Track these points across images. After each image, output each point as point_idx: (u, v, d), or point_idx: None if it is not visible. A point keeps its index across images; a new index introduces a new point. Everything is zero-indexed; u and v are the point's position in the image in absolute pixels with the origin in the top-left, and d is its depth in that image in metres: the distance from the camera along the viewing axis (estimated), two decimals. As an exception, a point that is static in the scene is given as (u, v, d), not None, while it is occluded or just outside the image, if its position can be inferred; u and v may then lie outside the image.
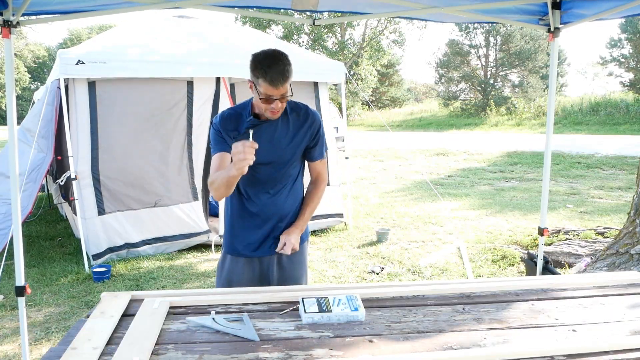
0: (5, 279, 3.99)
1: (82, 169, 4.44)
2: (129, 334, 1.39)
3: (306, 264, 2.11)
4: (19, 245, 2.31)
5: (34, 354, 2.95)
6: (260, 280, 2.00)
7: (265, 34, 6.97)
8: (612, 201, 7.34)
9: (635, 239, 3.78)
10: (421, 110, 31.10)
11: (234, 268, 2.00)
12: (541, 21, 2.88)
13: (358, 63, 26.62)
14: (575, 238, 4.86)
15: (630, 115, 19.76)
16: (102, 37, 5.23)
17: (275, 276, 2.01)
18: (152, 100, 4.73)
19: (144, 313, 1.54)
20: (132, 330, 1.41)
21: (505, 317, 1.51)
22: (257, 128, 1.85)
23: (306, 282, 2.13)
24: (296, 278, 2.03)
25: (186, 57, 4.81)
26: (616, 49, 27.18)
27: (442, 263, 4.56)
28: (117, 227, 4.62)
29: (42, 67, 40.99)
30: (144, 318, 1.50)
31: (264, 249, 1.97)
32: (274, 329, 1.43)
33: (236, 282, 1.98)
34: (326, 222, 5.70)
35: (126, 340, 1.35)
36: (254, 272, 2.00)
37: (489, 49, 28.61)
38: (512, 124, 22.41)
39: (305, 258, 2.11)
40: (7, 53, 2.27)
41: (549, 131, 3.01)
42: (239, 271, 1.99)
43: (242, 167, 1.60)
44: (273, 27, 27.07)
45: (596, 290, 1.76)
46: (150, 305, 1.60)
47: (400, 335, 1.39)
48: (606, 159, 11.22)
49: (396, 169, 11.34)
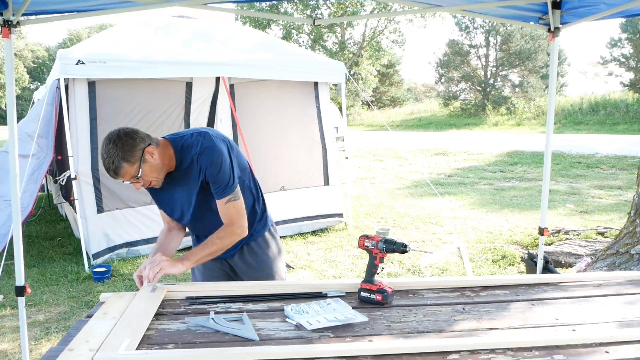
0: (5, 279, 3.99)
1: (82, 168, 4.44)
2: (124, 316, 1.47)
3: (273, 258, 2.09)
4: (19, 245, 2.31)
5: (33, 354, 2.95)
6: (228, 275, 2.09)
7: (265, 34, 6.97)
8: (612, 201, 7.34)
9: (635, 239, 3.78)
10: (421, 110, 31.08)
11: (205, 269, 2.08)
12: (541, 21, 2.88)
13: (358, 63, 26.62)
14: (576, 238, 4.86)
15: (630, 115, 19.76)
16: (102, 37, 5.23)
17: (242, 270, 2.06)
18: (151, 100, 4.74)
19: (140, 297, 1.62)
20: (128, 313, 1.49)
21: (505, 317, 1.51)
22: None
23: (280, 276, 2.11)
24: (262, 271, 2.05)
25: (186, 57, 4.82)
26: (616, 48, 27.16)
27: (442, 263, 4.56)
28: (116, 225, 4.63)
29: (42, 67, 40.99)
30: (139, 302, 1.58)
31: (224, 254, 1.94)
32: (274, 328, 1.43)
33: (203, 279, 2.10)
34: (326, 222, 5.70)
35: (120, 323, 1.41)
36: (224, 267, 2.08)
37: (489, 48, 28.61)
38: (512, 124, 22.40)
39: (269, 253, 2.08)
40: (7, 53, 2.27)
41: (549, 131, 3.01)
42: (206, 267, 2.06)
43: (166, 270, 1.73)
44: (273, 27, 27.08)
45: (596, 289, 1.76)
46: (147, 289, 1.69)
47: (400, 335, 1.39)
48: (606, 158, 11.22)
49: (396, 168, 11.34)
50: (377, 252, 1.64)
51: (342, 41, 27.36)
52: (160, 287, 1.69)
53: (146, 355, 1.26)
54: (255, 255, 2.06)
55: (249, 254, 2.06)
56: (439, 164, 11.82)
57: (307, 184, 5.53)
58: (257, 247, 2.07)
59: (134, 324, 1.41)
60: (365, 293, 1.63)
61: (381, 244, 1.63)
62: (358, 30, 31.68)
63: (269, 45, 5.70)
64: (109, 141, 1.69)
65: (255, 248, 2.06)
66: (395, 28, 27.64)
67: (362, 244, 1.67)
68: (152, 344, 1.33)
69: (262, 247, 2.08)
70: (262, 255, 2.08)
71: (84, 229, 4.45)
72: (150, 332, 1.41)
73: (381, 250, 1.63)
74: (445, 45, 29.95)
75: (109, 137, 1.71)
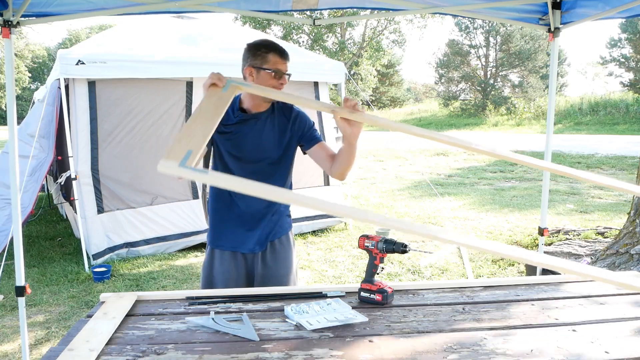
0: (5, 279, 3.99)
1: (82, 168, 4.45)
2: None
3: (292, 262, 2.06)
4: (19, 245, 2.31)
5: (34, 354, 2.95)
6: (245, 277, 2.00)
7: (265, 34, 6.97)
8: (612, 201, 7.34)
9: (635, 239, 3.78)
10: (421, 110, 31.11)
11: (219, 264, 1.99)
12: (541, 21, 2.88)
13: (358, 63, 26.61)
14: (575, 238, 4.86)
15: (630, 115, 19.78)
16: (102, 37, 5.23)
17: (260, 273, 1.99)
18: (151, 100, 4.74)
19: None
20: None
21: (505, 317, 1.51)
22: (245, 123, 1.87)
23: (294, 282, 2.08)
24: (280, 277, 2.00)
25: (186, 58, 4.81)
26: (616, 49, 27.20)
27: (442, 263, 4.56)
28: (116, 225, 4.63)
29: (42, 67, 40.99)
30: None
31: (248, 245, 1.95)
32: (274, 328, 1.43)
33: (220, 278, 1.98)
34: (326, 222, 5.70)
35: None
36: (238, 268, 1.98)
37: (489, 49, 28.63)
38: (512, 124, 22.42)
39: (290, 256, 2.05)
40: (7, 53, 2.28)
41: (549, 131, 3.01)
42: (224, 267, 1.98)
43: (206, 83, 1.62)
44: (273, 27, 27.08)
45: (596, 290, 1.76)
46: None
47: (400, 335, 1.39)
48: (606, 159, 11.22)
49: (396, 169, 11.34)
50: (377, 252, 1.64)
51: (342, 41, 27.35)
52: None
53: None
54: (276, 260, 2.02)
55: (271, 255, 2.01)
56: (439, 164, 11.82)
57: (307, 183, 5.53)
58: (280, 247, 2.03)
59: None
60: (365, 293, 1.63)
61: (381, 244, 1.63)
62: (358, 31, 31.67)
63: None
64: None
65: (279, 248, 2.03)
66: (396, 28, 27.65)
67: (362, 244, 1.67)
68: (152, 344, 1.33)
69: (284, 247, 2.04)
70: (283, 257, 2.04)
71: (84, 229, 4.45)
72: (150, 332, 1.41)
73: (381, 251, 1.63)
74: (445, 45, 30.00)
75: None
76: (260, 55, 1.80)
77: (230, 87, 1.52)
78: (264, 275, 1.99)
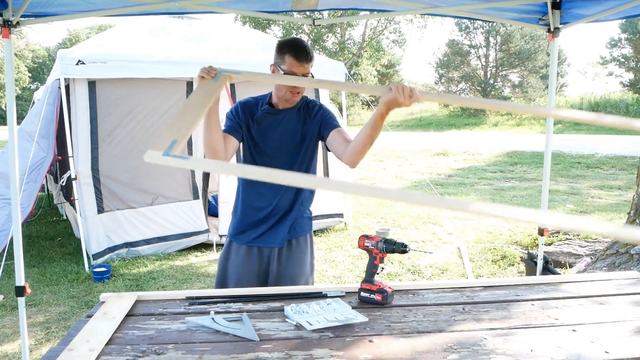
0: (5, 279, 3.99)
1: (82, 168, 4.45)
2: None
3: (307, 264, 2.06)
4: (19, 245, 2.31)
5: (34, 354, 2.95)
6: (261, 273, 2.01)
7: (265, 34, 6.97)
8: (612, 201, 7.34)
9: (635, 239, 3.78)
10: (421, 110, 31.09)
11: (235, 257, 2.01)
12: (541, 21, 2.88)
13: (358, 63, 26.61)
14: (575, 238, 4.86)
15: (630, 115, 19.77)
16: (102, 37, 5.24)
17: (274, 271, 2.00)
18: (152, 100, 4.74)
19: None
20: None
21: (505, 317, 1.51)
22: (271, 116, 1.93)
23: (311, 282, 2.09)
24: (293, 276, 2.00)
25: (186, 57, 4.81)
26: (616, 49, 27.20)
27: (442, 263, 4.56)
28: (116, 225, 4.62)
29: (42, 67, 40.98)
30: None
31: (266, 241, 1.98)
32: (274, 328, 1.43)
33: (235, 271, 2.00)
34: (326, 222, 5.70)
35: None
36: (252, 264, 1.99)
37: (489, 49, 28.64)
38: (512, 124, 22.41)
39: (306, 258, 2.06)
40: (7, 53, 2.28)
41: (549, 131, 3.01)
42: (239, 261, 2.00)
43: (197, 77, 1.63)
44: (273, 26, 27.08)
45: (596, 289, 1.76)
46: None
47: (400, 335, 1.39)
48: (606, 159, 11.22)
49: (396, 169, 11.34)
50: (377, 252, 1.64)
51: (342, 41, 27.36)
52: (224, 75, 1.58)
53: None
54: (291, 259, 2.02)
55: (287, 253, 2.01)
56: (439, 164, 11.82)
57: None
58: (297, 247, 2.03)
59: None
60: (365, 293, 1.63)
61: (381, 244, 1.63)
62: (358, 31, 31.64)
63: (269, 45, 5.70)
64: (304, 40, 1.88)
65: (295, 247, 2.03)
66: (396, 28, 27.66)
67: (362, 244, 1.67)
68: (152, 344, 1.33)
69: (301, 247, 2.05)
70: (298, 257, 2.04)
71: (84, 229, 4.45)
72: (150, 332, 1.41)
73: (381, 251, 1.63)
74: (445, 45, 30.00)
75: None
76: (281, 55, 1.84)
77: (221, 77, 1.56)
78: (278, 273, 2.00)
